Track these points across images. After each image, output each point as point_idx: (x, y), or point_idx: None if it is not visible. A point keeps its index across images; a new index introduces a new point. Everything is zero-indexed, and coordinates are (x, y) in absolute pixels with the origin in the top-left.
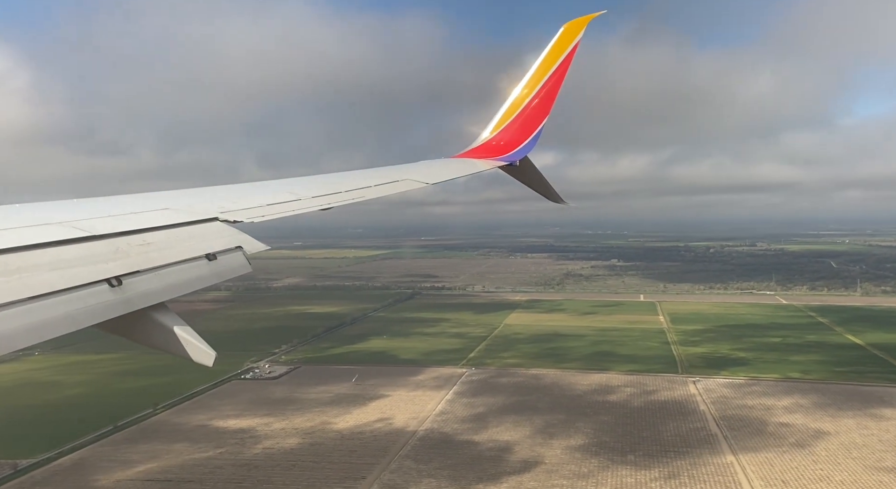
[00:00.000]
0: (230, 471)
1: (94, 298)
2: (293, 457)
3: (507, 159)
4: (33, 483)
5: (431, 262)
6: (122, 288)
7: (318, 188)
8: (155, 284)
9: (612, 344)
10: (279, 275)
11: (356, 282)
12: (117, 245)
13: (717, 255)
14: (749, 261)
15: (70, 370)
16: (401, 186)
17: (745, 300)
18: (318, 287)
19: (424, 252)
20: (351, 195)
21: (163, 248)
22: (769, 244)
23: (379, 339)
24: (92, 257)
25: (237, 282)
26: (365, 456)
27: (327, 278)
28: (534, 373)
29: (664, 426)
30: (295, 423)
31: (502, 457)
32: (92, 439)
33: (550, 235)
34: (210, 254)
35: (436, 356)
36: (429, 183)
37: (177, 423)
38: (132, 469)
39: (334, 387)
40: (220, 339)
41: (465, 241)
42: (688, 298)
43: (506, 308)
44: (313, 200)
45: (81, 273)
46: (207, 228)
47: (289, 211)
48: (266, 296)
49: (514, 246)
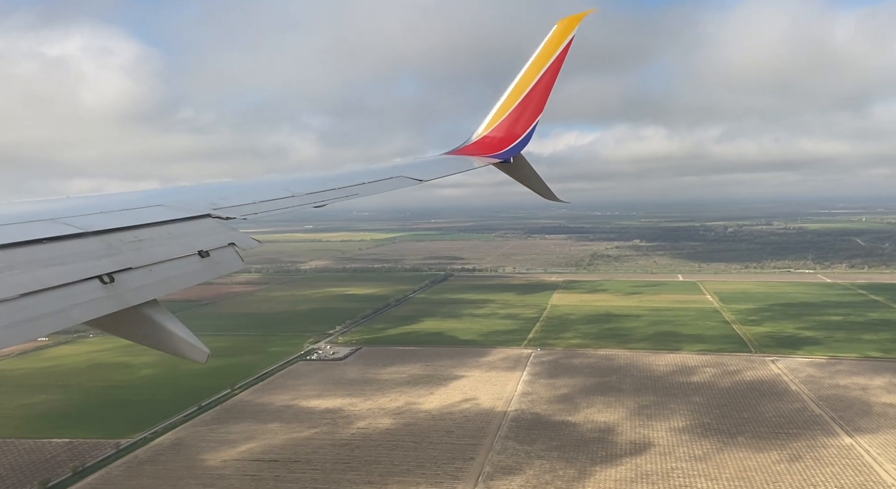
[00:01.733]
0: (332, 451)
1: (86, 295)
2: (391, 437)
3: (502, 156)
4: (139, 462)
5: (451, 244)
6: (115, 285)
7: (312, 185)
8: (147, 281)
9: (672, 324)
10: (304, 258)
11: (383, 264)
12: (109, 241)
13: (738, 235)
14: (774, 240)
15: (132, 352)
16: (395, 183)
17: (786, 279)
18: (347, 269)
19: (439, 234)
20: (345, 192)
21: (155, 245)
22: (786, 223)
23: (431, 320)
24: (84, 254)
25: (266, 264)
26: (464, 436)
27: (353, 260)
28: (604, 354)
29: (762, 407)
30: (379, 404)
31: (607, 438)
32: (181, 419)
33: (561, 217)
34: (202, 251)
35: (495, 337)
36: (423, 180)
37: (260, 404)
38: (234, 448)
39: (404, 368)
40: (270, 321)
41: (476, 224)
42: (728, 278)
43: (545, 289)
44: (307, 197)
45: (73, 270)
46: (200, 225)
47: (282, 208)
48: (298, 278)
49: (528, 227)
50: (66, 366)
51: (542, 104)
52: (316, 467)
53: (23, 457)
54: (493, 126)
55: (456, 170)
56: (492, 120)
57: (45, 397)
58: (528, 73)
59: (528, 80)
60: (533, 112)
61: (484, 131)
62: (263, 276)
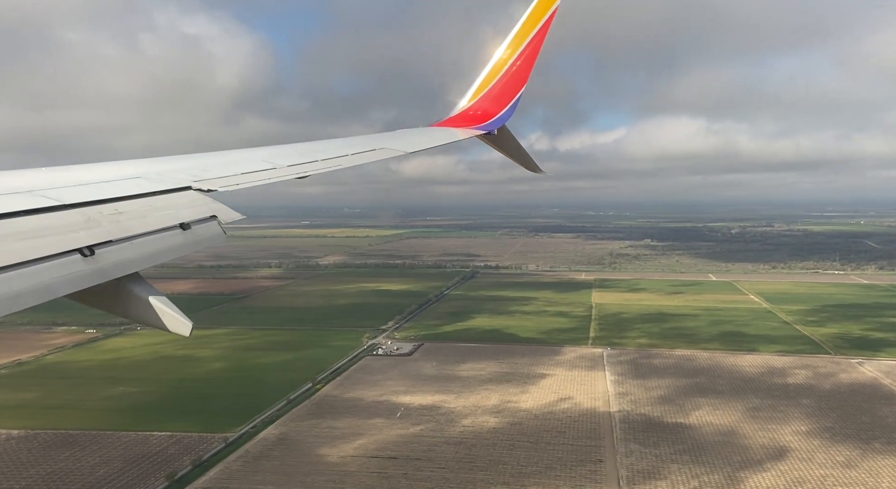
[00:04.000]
0: (449, 449)
1: (66, 268)
2: (504, 436)
3: (486, 128)
4: (254, 457)
5: (460, 242)
6: (95, 258)
7: (294, 157)
8: (128, 254)
9: (732, 324)
10: (317, 253)
11: (401, 260)
12: (89, 214)
13: (746, 236)
14: (786, 241)
15: (191, 345)
16: (378, 155)
17: (820, 279)
18: (367, 265)
19: (443, 231)
20: (327, 164)
21: (136, 218)
22: (787, 225)
23: (482, 318)
24: (63, 227)
25: (281, 258)
26: (579, 437)
27: (367, 256)
28: (681, 355)
29: (879, 411)
30: (473, 401)
31: (733, 441)
32: (275, 414)
33: (556, 216)
34: (184, 223)
35: (557, 335)
36: (406, 151)
37: (350, 399)
38: (348, 444)
39: (479, 365)
40: (314, 316)
41: (475, 221)
42: (761, 278)
43: (580, 287)
44: (289, 169)
45: (52, 243)
46: (181, 197)
47: (264, 179)
48: (322, 273)
49: (530, 226)
50: (131, 359)
51: (526, 75)
52: (440, 465)
53: (131, 450)
54: (477, 98)
55: (440, 141)
56: (475, 92)
57: (124, 390)
58: (512, 43)
59: (513, 50)
60: (517, 83)
61: (468, 103)
62: (285, 271)
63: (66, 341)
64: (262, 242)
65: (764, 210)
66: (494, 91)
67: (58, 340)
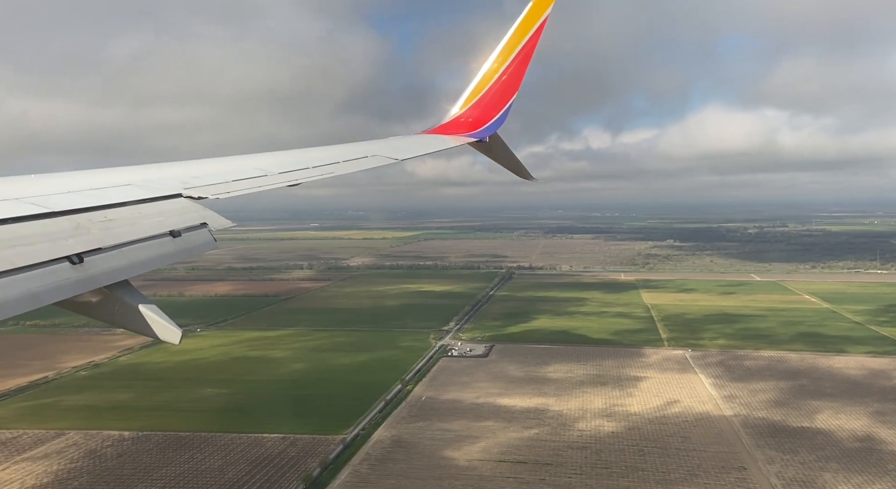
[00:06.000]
0: (576, 454)
1: (55, 276)
2: (626, 441)
3: (477, 135)
4: (377, 460)
5: (480, 243)
6: (84, 265)
7: (286, 163)
8: (118, 262)
9: (804, 325)
10: (343, 255)
11: (427, 261)
12: (78, 221)
13: (767, 236)
14: (811, 241)
15: (260, 346)
16: (370, 162)
17: (867, 279)
18: (399, 266)
19: (456, 233)
20: (319, 171)
21: (125, 225)
22: (803, 225)
23: (544, 318)
24: (51, 234)
25: (307, 260)
26: (707, 443)
27: (395, 258)
28: (769, 356)
29: None
30: (576, 404)
31: (875, 448)
32: (377, 416)
33: (562, 217)
34: (174, 230)
35: (627, 336)
36: (398, 159)
37: (448, 401)
38: (469, 447)
39: (565, 367)
40: (369, 316)
41: (484, 223)
42: (807, 278)
43: (625, 288)
44: (280, 176)
45: (41, 250)
46: (171, 205)
47: (255, 187)
48: (357, 274)
49: (542, 227)
50: (207, 361)
51: (518, 83)
52: (575, 471)
53: (250, 452)
54: (469, 105)
55: (431, 149)
56: (467, 99)
57: (213, 391)
58: (504, 51)
59: (504, 58)
60: (508, 91)
61: (459, 111)
62: (318, 273)
63: (131, 343)
64: (280, 244)
65: (767, 211)
66: (486, 98)
67: (123, 342)
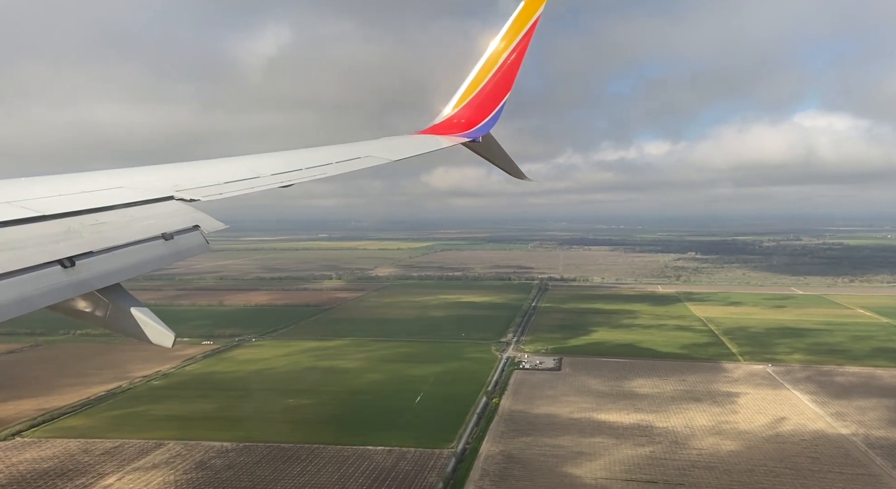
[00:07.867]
0: (705, 474)
1: (46, 280)
2: (750, 461)
3: (470, 135)
4: (499, 477)
5: (499, 254)
6: (76, 269)
7: (278, 165)
8: (109, 265)
9: (876, 339)
10: (365, 265)
11: (453, 271)
12: (69, 225)
13: (786, 249)
14: (837, 255)
15: (326, 356)
16: (362, 163)
17: None
18: (429, 277)
19: (470, 244)
20: (312, 172)
21: (117, 228)
22: (818, 238)
23: (602, 331)
24: (42, 237)
25: (336, 271)
26: (838, 464)
27: (419, 268)
28: (856, 372)
29: None
30: (681, 421)
31: None
32: (476, 429)
33: (568, 229)
34: (167, 233)
35: (697, 350)
36: (391, 159)
37: (543, 415)
38: (591, 463)
39: (650, 382)
40: (420, 327)
41: (493, 234)
42: (851, 292)
43: (669, 300)
44: (273, 178)
45: (32, 254)
46: (163, 207)
47: (247, 189)
48: (387, 285)
49: (552, 238)
50: (277, 371)
51: (510, 83)
52: None
53: (361, 466)
54: (461, 105)
55: (424, 149)
56: (460, 99)
57: (296, 401)
58: (496, 51)
59: (496, 58)
60: (501, 91)
61: (452, 111)
62: (349, 283)
63: (193, 352)
64: (298, 254)
65: (775, 224)
66: (478, 99)
67: (184, 351)
